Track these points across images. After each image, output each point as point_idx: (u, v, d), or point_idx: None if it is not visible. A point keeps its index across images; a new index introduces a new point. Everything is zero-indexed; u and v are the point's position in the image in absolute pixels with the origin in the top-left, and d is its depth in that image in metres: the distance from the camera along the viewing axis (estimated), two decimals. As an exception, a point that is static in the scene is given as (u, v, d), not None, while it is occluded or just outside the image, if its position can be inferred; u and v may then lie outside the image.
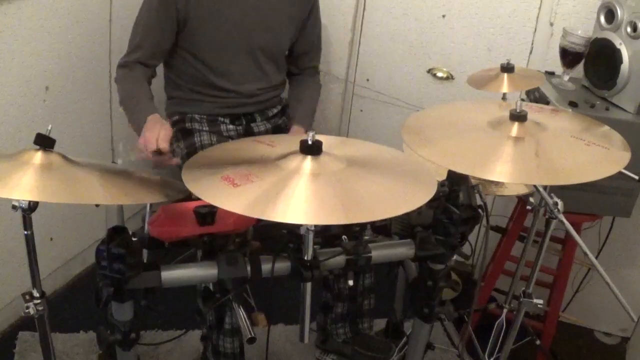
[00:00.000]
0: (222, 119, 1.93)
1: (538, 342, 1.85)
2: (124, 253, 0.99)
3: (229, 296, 1.07)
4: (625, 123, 1.70)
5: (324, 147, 1.02)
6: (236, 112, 1.95)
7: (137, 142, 1.63)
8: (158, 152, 1.55)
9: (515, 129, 1.12)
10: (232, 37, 1.84)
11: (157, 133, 1.58)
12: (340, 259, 1.13)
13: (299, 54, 2.06)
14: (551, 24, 2.12)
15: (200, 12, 1.77)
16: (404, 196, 1.01)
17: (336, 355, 1.96)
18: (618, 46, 1.73)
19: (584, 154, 1.09)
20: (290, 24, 1.94)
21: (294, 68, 2.09)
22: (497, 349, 1.61)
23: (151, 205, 1.15)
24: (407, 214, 1.06)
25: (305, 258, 1.05)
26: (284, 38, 1.96)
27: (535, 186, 1.38)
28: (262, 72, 1.95)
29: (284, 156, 1.03)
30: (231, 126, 1.94)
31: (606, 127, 1.23)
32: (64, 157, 1.04)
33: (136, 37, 1.81)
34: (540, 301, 1.48)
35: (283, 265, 1.09)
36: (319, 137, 1.02)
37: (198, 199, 0.97)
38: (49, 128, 1.05)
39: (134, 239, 1.06)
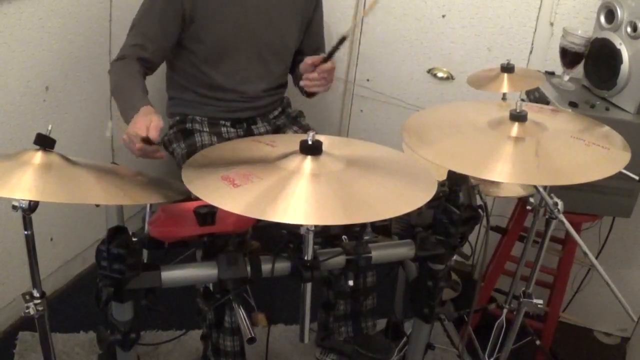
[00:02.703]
0: (223, 122, 1.93)
1: (538, 342, 1.85)
2: (124, 253, 0.99)
3: (228, 296, 1.07)
4: (625, 123, 1.71)
5: (324, 147, 1.02)
6: (238, 116, 1.95)
7: (127, 128, 1.49)
8: (146, 140, 1.41)
9: (515, 129, 1.12)
10: (238, 35, 1.83)
11: (149, 121, 1.45)
12: (340, 259, 1.13)
13: (307, 53, 2.06)
14: (551, 24, 2.12)
15: (205, 11, 1.76)
16: (404, 196, 1.00)
17: (336, 355, 1.96)
18: (618, 46, 1.73)
19: (584, 154, 1.09)
20: (294, 23, 1.94)
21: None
22: (497, 349, 1.62)
23: (151, 205, 1.15)
24: (407, 214, 1.05)
25: (305, 258, 1.05)
26: (290, 36, 1.96)
27: (535, 186, 1.38)
28: (267, 71, 1.94)
29: (284, 156, 1.03)
30: (232, 129, 1.94)
31: (606, 127, 1.23)
32: (64, 157, 1.04)
33: (137, 37, 1.76)
34: (540, 301, 1.48)
35: (283, 266, 1.08)
36: (319, 137, 1.02)
37: (198, 199, 0.97)
38: (49, 128, 1.05)
39: (134, 239, 1.06)
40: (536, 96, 1.89)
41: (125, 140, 1.44)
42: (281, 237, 1.08)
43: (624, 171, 1.15)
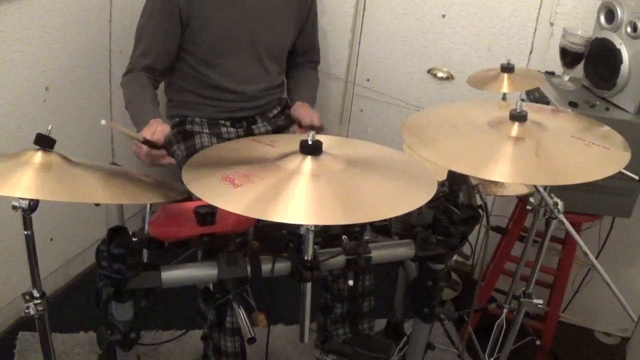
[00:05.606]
0: (222, 122, 1.93)
1: (538, 342, 1.85)
2: (124, 253, 0.99)
3: (229, 296, 1.07)
4: (625, 123, 1.70)
5: (324, 147, 1.02)
6: (237, 115, 1.95)
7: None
8: (148, 142, 1.48)
9: (515, 129, 1.12)
10: (236, 36, 1.84)
11: (155, 128, 1.55)
12: (340, 259, 1.13)
13: (299, 53, 2.07)
14: (551, 24, 2.12)
15: (202, 11, 1.77)
16: (404, 196, 1.00)
17: (336, 356, 1.97)
18: (618, 46, 1.73)
19: (584, 154, 1.09)
20: (290, 24, 1.95)
21: (295, 60, 2.10)
22: (497, 349, 1.62)
23: (151, 205, 1.15)
24: (407, 214, 1.05)
25: (305, 258, 1.05)
26: (286, 38, 1.96)
27: (535, 186, 1.38)
28: (265, 72, 1.95)
29: (284, 156, 1.03)
30: (232, 129, 1.94)
31: (606, 127, 1.23)
32: (64, 157, 1.04)
33: (141, 44, 1.79)
34: (540, 301, 1.48)
35: (283, 265, 1.08)
36: (319, 137, 1.02)
37: (198, 199, 0.97)
38: (49, 128, 1.05)
39: (134, 239, 1.06)
40: (536, 96, 1.89)
41: (134, 149, 1.53)
42: (281, 237, 1.08)
43: (624, 171, 1.15)
